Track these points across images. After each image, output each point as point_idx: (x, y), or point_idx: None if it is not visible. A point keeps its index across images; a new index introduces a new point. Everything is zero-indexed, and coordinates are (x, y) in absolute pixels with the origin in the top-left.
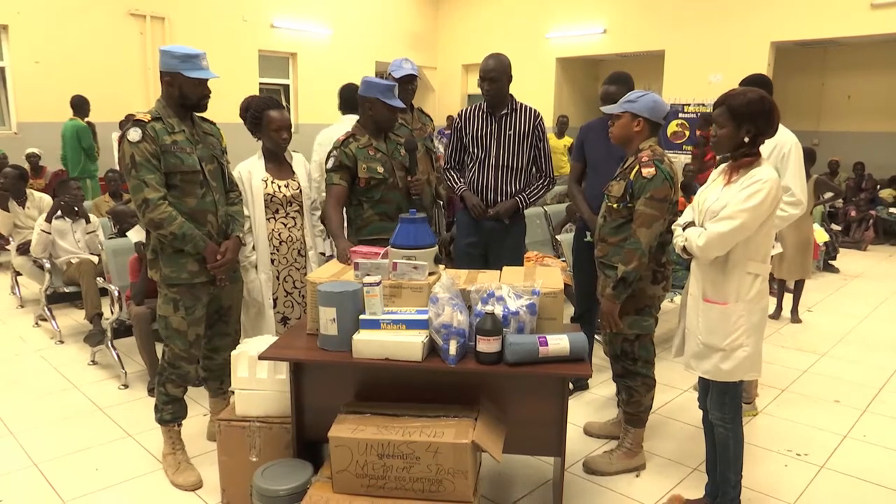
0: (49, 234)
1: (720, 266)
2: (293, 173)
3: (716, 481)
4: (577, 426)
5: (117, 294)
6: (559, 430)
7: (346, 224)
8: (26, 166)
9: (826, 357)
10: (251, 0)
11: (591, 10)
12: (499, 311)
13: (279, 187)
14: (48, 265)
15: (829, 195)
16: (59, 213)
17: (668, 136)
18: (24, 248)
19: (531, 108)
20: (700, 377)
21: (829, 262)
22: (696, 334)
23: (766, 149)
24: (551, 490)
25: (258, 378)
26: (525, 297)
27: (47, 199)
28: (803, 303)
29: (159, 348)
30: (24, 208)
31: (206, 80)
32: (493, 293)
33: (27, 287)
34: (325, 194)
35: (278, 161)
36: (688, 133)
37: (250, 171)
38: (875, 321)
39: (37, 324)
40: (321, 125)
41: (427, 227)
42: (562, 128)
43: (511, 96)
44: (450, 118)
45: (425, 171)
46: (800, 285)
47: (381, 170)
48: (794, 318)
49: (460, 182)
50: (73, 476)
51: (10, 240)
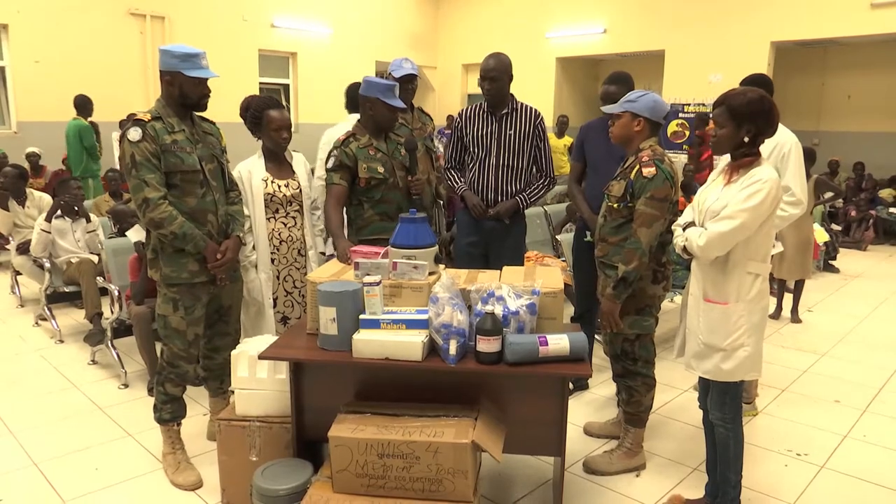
0: (49, 233)
1: (721, 266)
2: (293, 173)
3: (716, 481)
4: (577, 426)
5: (117, 293)
6: (559, 430)
7: (346, 224)
8: (26, 166)
9: (826, 357)
10: None
11: (591, 9)
12: (499, 310)
13: (279, 187)
14: (48, 265)
15: (829, 195)
16: (58, 212)
17: (668, 135)
18: (23, 248)
19: (532, 108)
20: (700, 377)
21: (830, 262)
22: (697, 334)
23: (766, 148)
24: (551, 490)
25: (258, 378)
26: (525, 296)
27: (47, 199)
28: (803, 303)
29: (159, 348)
30: (23, 208)
31: (206, 79)
32: (493, 293)
33: (27, 286)
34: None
35: (278, 161)
36: (688, 133)
37: (250, 170)
38: (875, 321)
39: (37, 323)
40: (321, 125)
41: (427, 227)
42: (562, 127)
43: (511, 96)
44: (450, 118)
45: (425, 171)
46: (800, 285)
47: (381, 170)
48: (794, 318)
49: (461, 182)
50: (72, 475)
51: (10, 239)
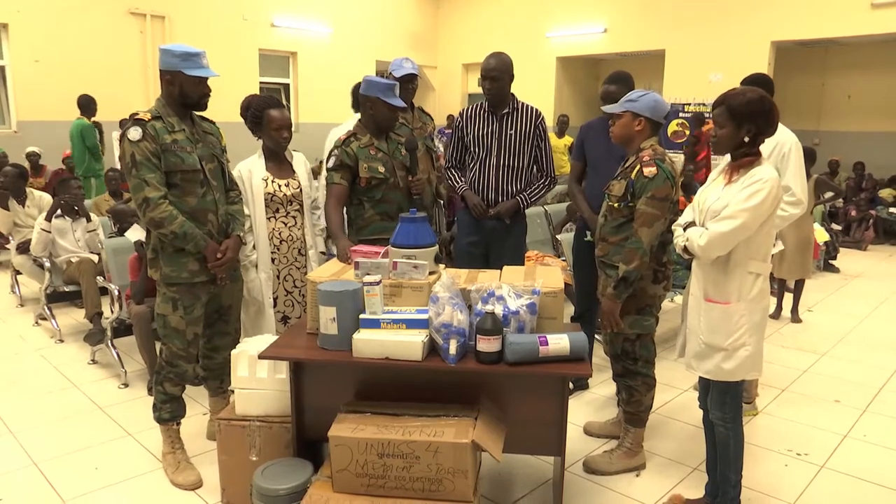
0: (49, 232)
1: (722, 266)
2: (293, 172)
3: (716, 481)
4: (578, 426)
5: (117, 293)
6: (559, 430)
7: (346, 223)
8: (26, 165)
9: (826, 357)
10: None
11: (592, 9)
12: (499, 310)
13: (279, 186)
14: (48, 264)
15: (829, 195)
16: (59, 212)
17: (669, 135)
18: (23, 247)
19: (532, 108)
20: (700, 377)
21: (830, 261)
22: (698, 334)
23: (766, 148)
24: (551, 490)
25: (258, 377)
26: (525, 296)
27: (47, 198)
28: (803, 302)
29: (159, 347)
30: (24, 207)
31: (207, 78)
32: (493, 292)
33: (27, 286)
34: None
35: (279, 160)
36: (688, 132)
37: (251, 170)
38: (875, 321)
39: (37, 323)
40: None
41: (427, 227)
42: (562, 127)
43: (512, 95)
44: (450, 117)
45: (426, 171)
46: (800, 285)
47: (382, 169)
48: (795, 317)
49: (461, 181)
50: (72, 475)
51: (10, 238)
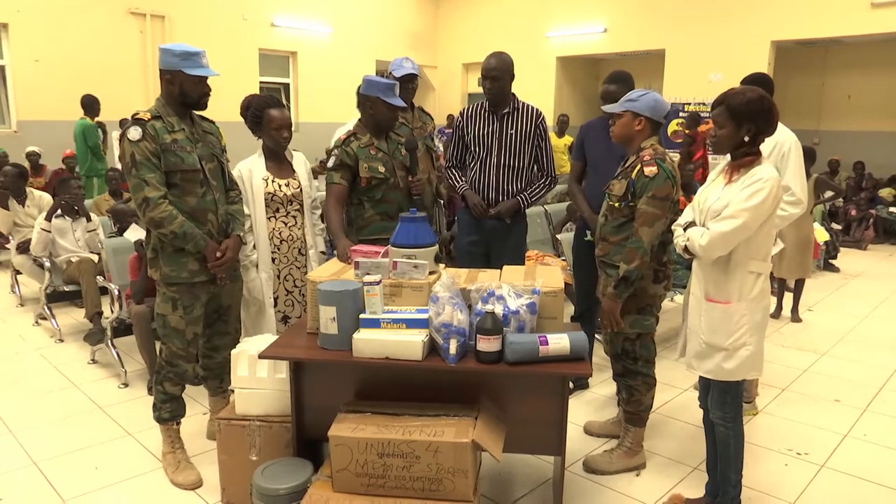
0: (49, 232)
1: (723, 265)
2: (294, 172)
3: (716, 480)
4: (578, 425)
5: (117, 293)
6: (559, 430)
7: (345, 223)
8: (26, 165)
9: (826, 356)
10: None
11: (592, 9)
12: (499, 310)
13: (280, 186)
14: (48, 264)
15: (829, 194)
16: (59, 211)
17: (669, 135)
18: (23, 247)
19: (533, 107)
20: (700, 376)
21: (830, 261)
22: (699, 334)
23: (765, 148)
24: (551, 489)
25: (258, 377)
26: (525, 296)
27: (47, 198)
28: (803, 302)
29: (159, 347)
30: (23, 207)
31: (207, 77)
32: (493, 292)
33: (27, 286)
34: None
35: (279, 160)
36: (687, 132)
37: (251, 169)
38: (875, 320)
39: (37, 322)
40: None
41: (427, 226)
42: (562, 127)
43: (513, 95)
44: (450, 117)
45: (426, 170)
46: (800, 284)
47: (382, 169)
48: (795, 317)
49: (462, 181)
50: (72, 475)
51: (10, 238)
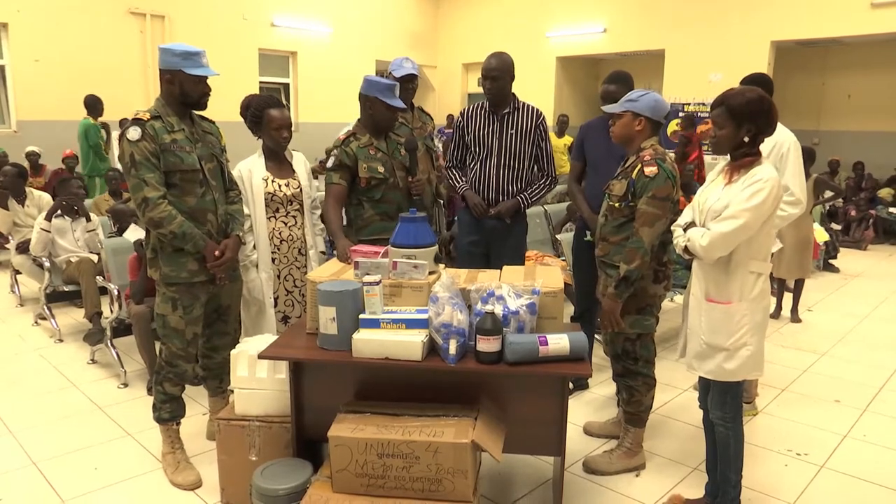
0: (49, 232)
1: (723, 266)
2: (293, 172)
3: (716, 481)
4: (577, 426)
5: (117, 293)
6: (559, 430)
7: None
8: (26, 165)
9: (826, 356)
10: None
11: (592, 9)
12: (499, 310)
13: (279, 186)
14: (47, 264)
15: (828, 194)
16: (58, 211)
17: (668, 135)
18: (23, 247)
19: (533, 108)
20: (700, 376)
21: (830, 261)
22: (699, 334)
23: (764, 148)
24: (551, 489)
25: (258, 377)
26: (525, 296)
27: (47, 198)
28: (803, 302)
29: (158, 347)
30: (23, 207)
31: (207, 77)
32: (493, 292)
33: (26, 286)
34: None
35: (279, 160)
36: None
37: (251, 169)
38: (875, 321)
39: (36, 322)
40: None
41: (427, 227)
42: (562, 127)
43: (513, 95)
44: (450, 117)
45: (425, 170)
46: (800, 285)
47: (381, 169)
48: (794, 317)
49: (462, 181)
50: (72, 475)
51: (10, 238)
